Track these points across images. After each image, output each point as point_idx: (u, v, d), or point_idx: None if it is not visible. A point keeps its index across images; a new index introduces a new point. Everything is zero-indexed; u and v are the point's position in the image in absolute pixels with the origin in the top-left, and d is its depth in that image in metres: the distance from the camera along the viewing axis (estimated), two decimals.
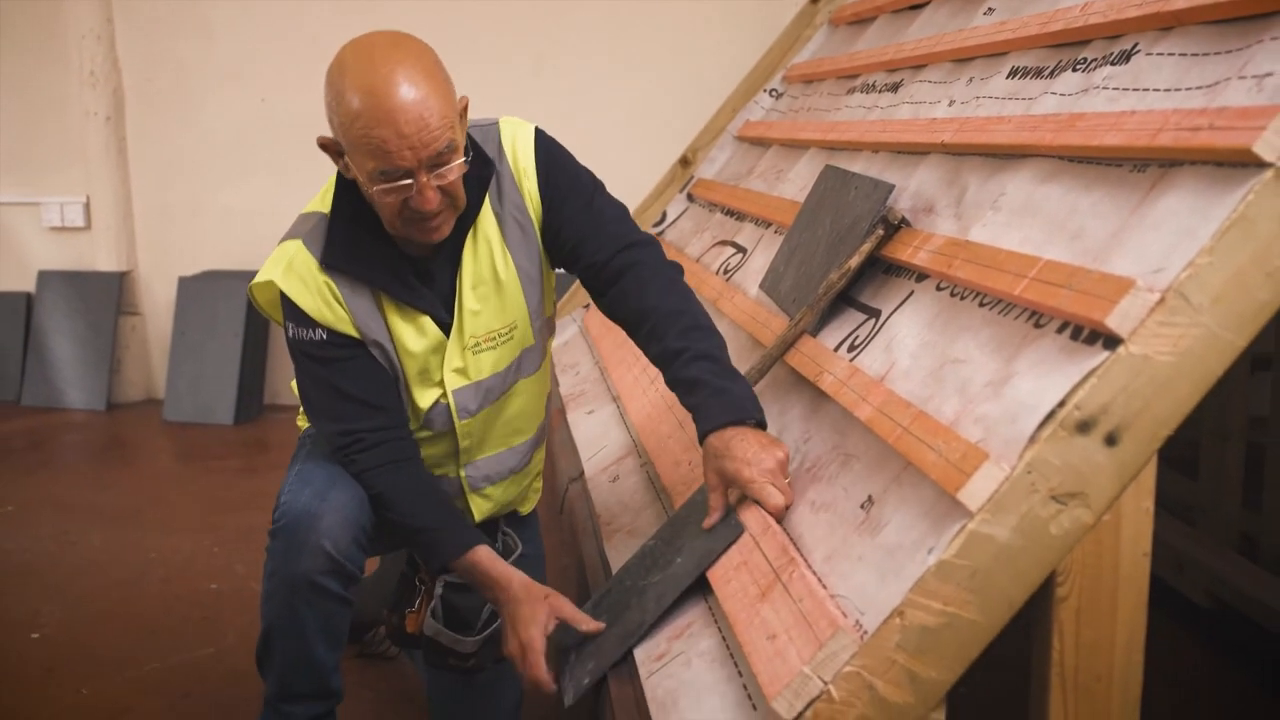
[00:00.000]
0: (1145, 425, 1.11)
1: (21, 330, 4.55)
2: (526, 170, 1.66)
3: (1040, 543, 1.12)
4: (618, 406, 2.34)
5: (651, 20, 4.13)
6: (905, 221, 1.67)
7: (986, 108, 1.77)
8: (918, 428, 1.26)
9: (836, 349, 1.63)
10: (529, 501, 1.97)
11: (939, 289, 1.49)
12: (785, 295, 1.89)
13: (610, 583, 1.62)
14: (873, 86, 2.46)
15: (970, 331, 1.35)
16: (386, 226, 1.56)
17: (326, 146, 1.55)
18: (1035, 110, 1.59)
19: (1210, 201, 1.11)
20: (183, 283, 4.39)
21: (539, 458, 1.96)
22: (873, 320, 1.61)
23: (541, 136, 1.69)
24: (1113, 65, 1.47)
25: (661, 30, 4.13)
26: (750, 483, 1.43)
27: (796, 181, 2.42)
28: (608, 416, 2.33)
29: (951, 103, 1.94)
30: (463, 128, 1.54)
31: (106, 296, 4.46)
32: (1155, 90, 1.34)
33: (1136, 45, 1.45)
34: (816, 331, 1.73)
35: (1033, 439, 1.11)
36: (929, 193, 1.72)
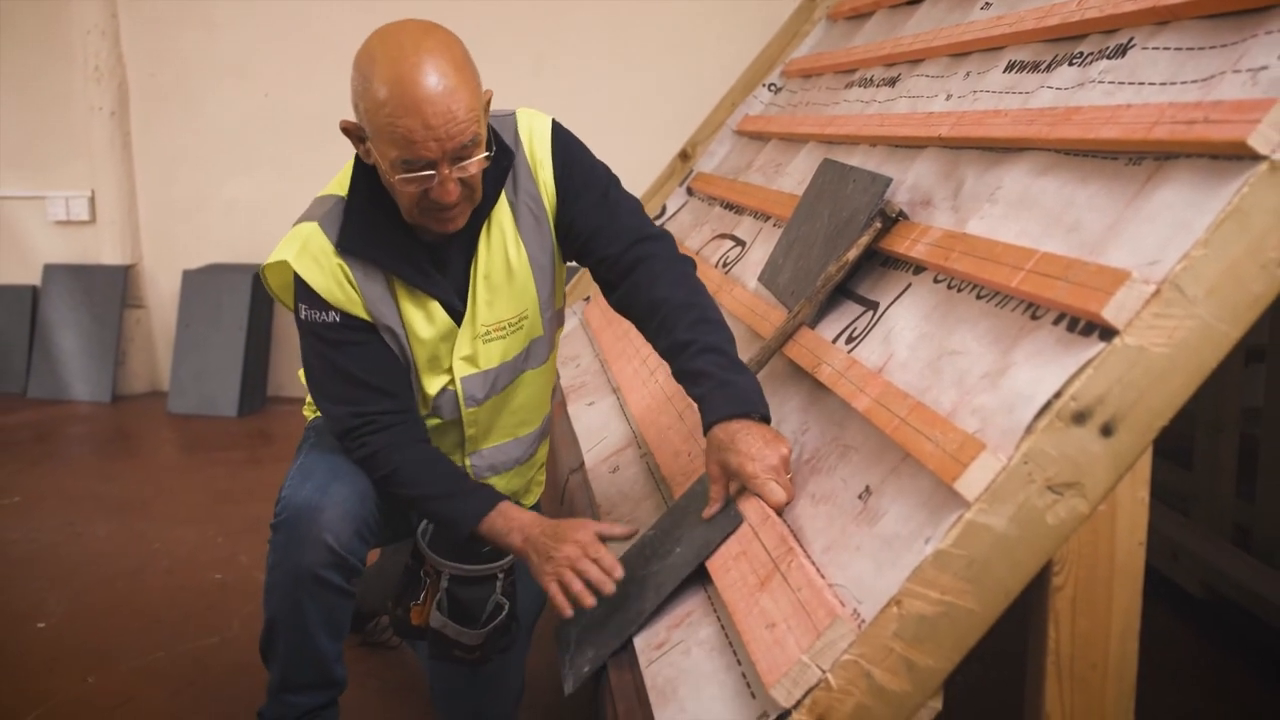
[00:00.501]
0: (1141, 416, 1.12)
1: (27, 323, 4.57)
2: (542, 161, 1.66)
3: (1036, 532, 1.13)
4: (618, 398, 2.35)
5: (651, 16, 4.13)
6: (903, 214, 1.68)
7: (983, 101, 1.78)
8: (915, 418, 1.27)
9: (835, 341, 1.64)
10: (532, 494, 1.98)
11: (936, 281, 1.50)
12: (784, 288, 1.90)
13: None
14: (870, 81, 2.46)
15: (967, 323, 1.36)
16: (404, 214, 1.56)
17: (349, 131, 1.55)
18: (1032, 104, 1.59)
19: (1205, 194, 1.11)
20: (187, 276, 4.40)
21: (543, 450, 1.97)
22: (871, 312, 1.62)
23: (558, 129, 1.70)
24: (1109, 59, 1.48)
25: (661, 26, 4.13)
26: (753, 477, 1.43)
27: (795, 175, 2.43)
28: (608, 408, 2.34)
29: (949, 96, 1.94)
30: (485, 120, 1.53)
31: (111, 290, 4.48)
32: (1151, 84, 1.35)
33: (1132, 39, 1.45)
34: (815, 323, 1.74)
35: (1029, 429, 1.11)
36: (926, 186, 1.73)
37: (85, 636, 2.42)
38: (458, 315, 1.66)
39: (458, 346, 1.67)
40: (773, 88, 3.31)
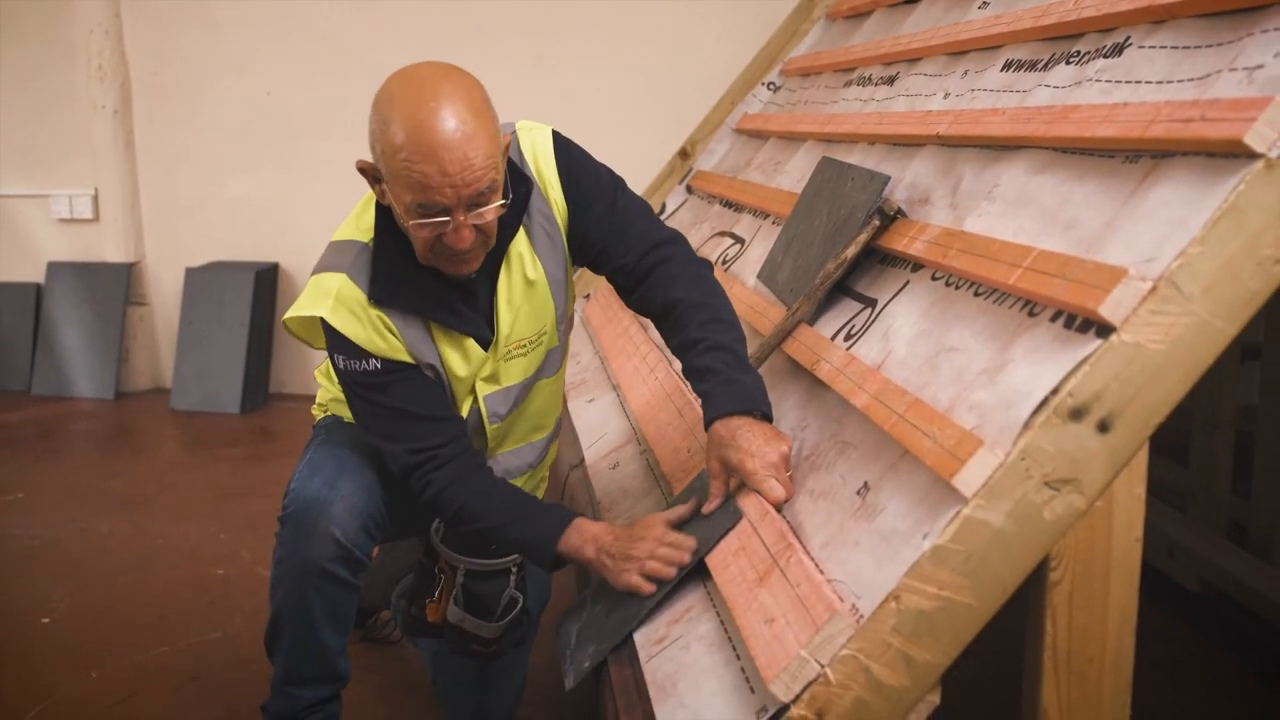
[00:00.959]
0: (1137, 412, 1.12)
1: (31, 321, 4.58)
2: (550, 181, 1.65)
3: (1034, 528, 1.14)
4: (618, 395, 2.36)
5: (651, 16, 4.13)
6: (901, 212, 1.68)
7: (981, 100, 1.78)
8: (913, 415, 1.27)
9: (833, 338, 1.65)
10: (538, 493, 1.99)
11: (934, 279, 1.51)
12: (783, 285, 1.91)
13: None
14: (869, 79, 2.47)
15: (965, 320, 1.37)
16: (418, 257, 1.54)
17: (365, 171, 1.52)
18: (1029, 102, 1.60)
19: (1202, 192, 1.12)
20: (189, 273, 4.41)
21: (553, 452, 1.98)
22: (869, 309, 1.62)
23: (559, 140, 1.68)
24: (1106, 58, 1.48)
25: (661, 25, 4.13)
26: (753, 474, 1.44)
27: (794, 173, 2.43)
28: (608, 405, 2.35)
29: (947, 95, 1.95)
30: (504, 166, 1.51)
31: (114, 287, 4.49)
32: (1148, 82, 1.36)
33: (1129, 38, 1.46)
34: (814, 320, 1.75)
35: (1026, 426, 1.12)
36: (924, 184, 1.73)
37: (89, 631, 2.43)
38: (487, 344, 1.66)
39: (484, 369, 1.68)
40: (772, 86, 3.31)
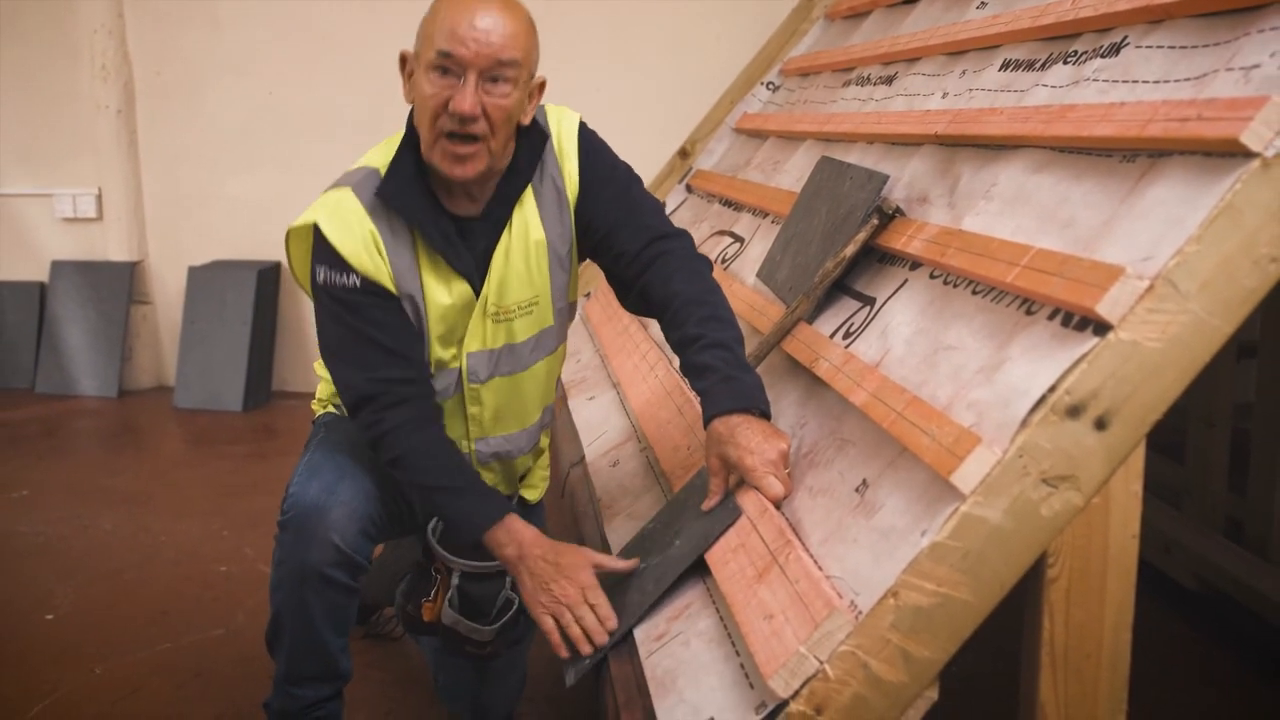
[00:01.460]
0: (1134, 410, 1.13)
1: (35, 319, 4.59)
2: (569, 153, 1.69)
3: (1031, 525, 1.14)
4: (618, 393, 2.36)
5: (651, 16, 4.14)
6: (899, 211, 1.69)
7: (979, 99, 1.79)
8: (912, 413, 1.28)
9: (832, 336, 1.65)
10: (537, 489, 1.99)
11: (932, 277, 1.51)
12: (782, 284, 1.92)
13: None
14: (868, 79, 2.47)
15: (963, 319, 1.37)
16: (424, 146, 1.56)
17: (404, 60, 1.59)
18: (1027, 102, 1.61)
19: (1198, 191, 1.13)
20: (192, 272, 4.42)
21: (544, 441, 1.98)
22: (868, 308, 1.63)
23: (585, 126, 1.73)
24: (1103, 58, 1.49)
25: (661, 25, 4.14)
26: (752, 471, 1.44)
27: (793, 172, 2.44)
28: (608, 403, 2.35)
29: (945, 95, 1.96)
30: (526, 92, 1.58)
31: (118, 286, 4.50)
32: (1145, 82, 1.36)
33: (1126, 38, 1.46)
34: (812, 319, 1.75)
35: (1024, 423, 1.12)
36: (923, 183, 1.74)
37: (92, 628, 2.43)
38: (475, 291, 1.66)
39: (472, 323, 1.67)
40: (771, 86, 3.32)
